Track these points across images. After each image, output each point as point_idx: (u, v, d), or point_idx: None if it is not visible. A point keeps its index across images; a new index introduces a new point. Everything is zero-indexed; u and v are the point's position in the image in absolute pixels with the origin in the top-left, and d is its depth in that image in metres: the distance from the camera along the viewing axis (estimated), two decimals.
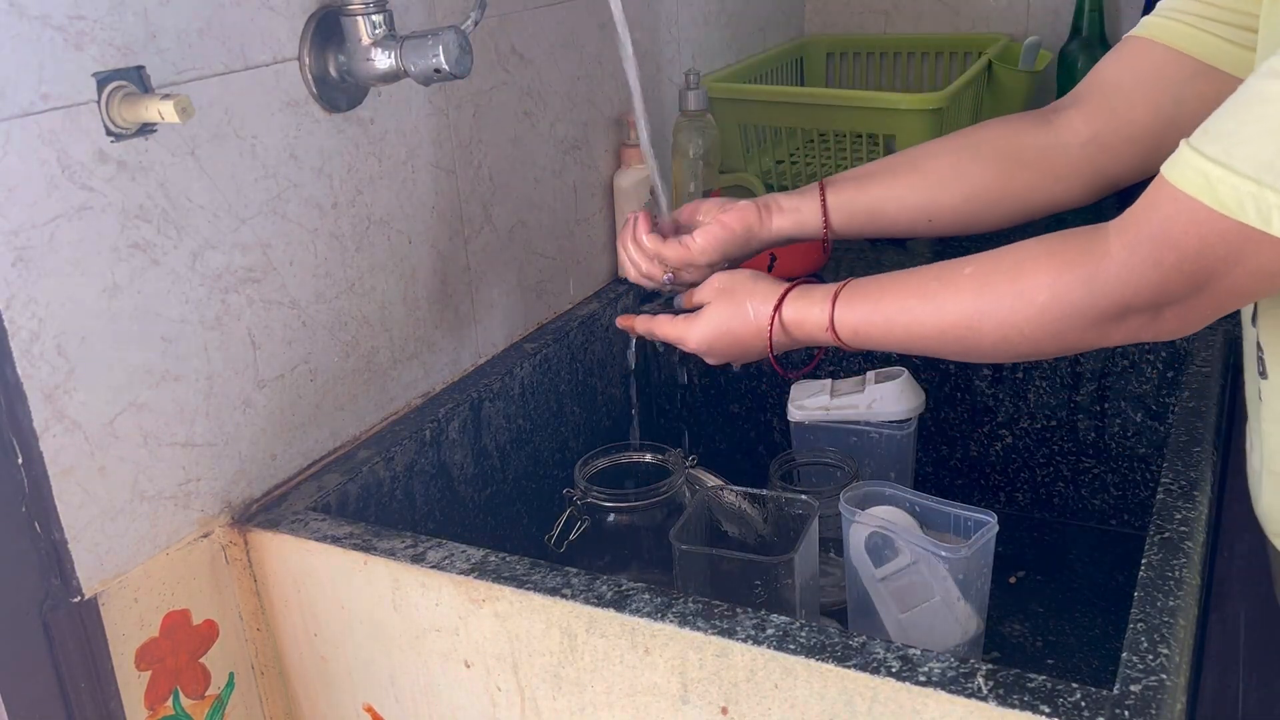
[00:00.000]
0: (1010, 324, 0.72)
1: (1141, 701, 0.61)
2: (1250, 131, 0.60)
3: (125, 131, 0.73)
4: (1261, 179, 0.58)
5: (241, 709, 0.86)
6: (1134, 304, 0.66)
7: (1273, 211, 0.59)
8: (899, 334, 0.79)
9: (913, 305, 0.77)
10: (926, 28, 1.78)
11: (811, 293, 0.85)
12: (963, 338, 0.75)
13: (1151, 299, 0.66)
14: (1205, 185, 0.61)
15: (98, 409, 0.74)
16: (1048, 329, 0.70)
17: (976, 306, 0.73)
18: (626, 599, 0.71)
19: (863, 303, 0.82)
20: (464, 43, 0.85)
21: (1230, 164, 0.60)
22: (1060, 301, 0.69)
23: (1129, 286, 0.66)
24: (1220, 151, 0.60)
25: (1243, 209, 0.59)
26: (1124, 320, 0.68)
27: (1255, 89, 0.60)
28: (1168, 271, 0.64)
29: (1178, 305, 0.66)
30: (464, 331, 1.09)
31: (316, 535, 0.82)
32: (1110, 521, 1.19)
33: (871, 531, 0.92)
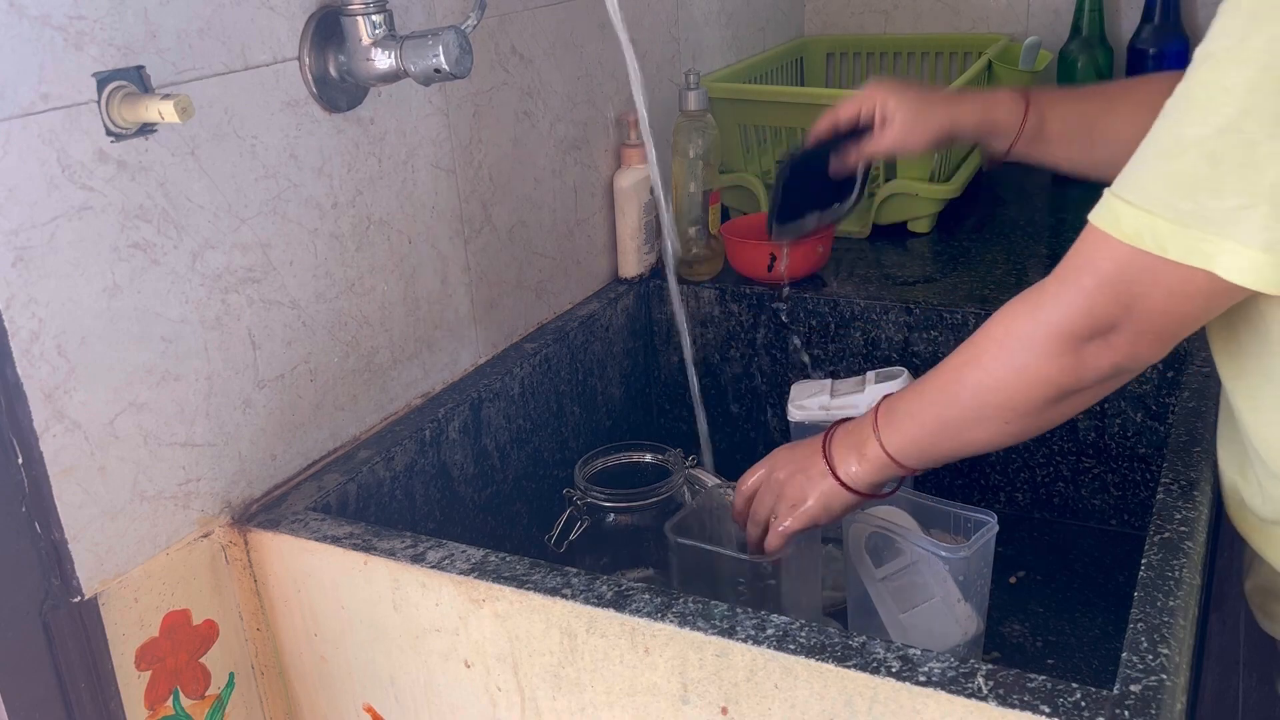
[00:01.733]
0: (983, 367, 0.77)
1: (1141, 701, 0.61)
2: (1145, 169, 0.67)
3: (125, 131, 0.73)
4: (1153, 210, 0.66)
5: (241, 709, 0.86)
6: (1074, 328, 0.71)
7: (1165, 240, 0.65)
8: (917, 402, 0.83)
9: (930, 374, 0.83)
10: (926, 28, 1.78)
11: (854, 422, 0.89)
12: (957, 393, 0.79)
13: (1087, 321, 0.71)
14: (1113, 220, 0.68)
15: (98, 409, 0.74)
16: (1010, 362, 0.75)
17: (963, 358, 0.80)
18: (626, 599, 0.71)
19: (898, 401, 0.86)
20: (464, 43, 0.85)
21: (1130, 199, 0.67)
22: (1012, 332, 0.75)
23: (1061, 309, 0.72)
24: (1125, 188, 0.68)
25: (1140, 237, 0.66)
26: (1079, 348, 0.72)
27: (1153, 133, 0.68)
28: (1090, 292, 0.70)
29: (1117, 330, 0.71)
30: (464, 331, 1.09)
31: (316, 535, 0.82)
32: (1110, 521, 1.19)
33: (871, 531, 0.92)
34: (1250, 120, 0.62)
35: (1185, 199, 0.65)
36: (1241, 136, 0.62)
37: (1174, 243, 0.65)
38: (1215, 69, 0.64)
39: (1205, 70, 0.65)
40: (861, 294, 1.23)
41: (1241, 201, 0.62)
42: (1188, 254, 0.65)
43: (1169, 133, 0.66)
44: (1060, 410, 0.77)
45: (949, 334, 1.19)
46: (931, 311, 1.19)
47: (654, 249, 1.33)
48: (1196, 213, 0.64)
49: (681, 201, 1.33)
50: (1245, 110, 0.62)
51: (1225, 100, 0.63)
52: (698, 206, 1.32)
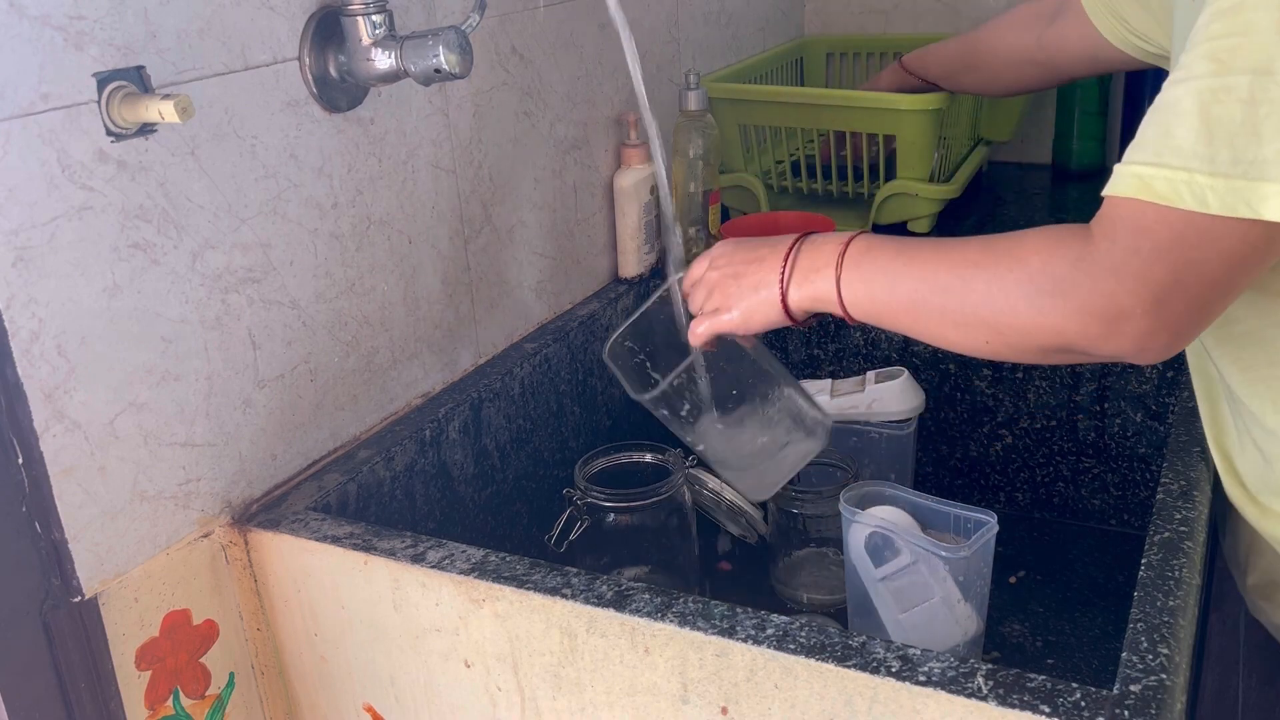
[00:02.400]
0: (999, 281, 0.72)
1: (1141, 701, 0.61)
2: (1170, 130, 0.64)
3: (125, 131, 0.73)
4: (1189, 165, 0.63)
5: (241, 709, 0.86)
6: (1118, 295, 0.66)
7: (1206, 192, 0.62)
8: (897, 267, 0.78)
9: (922, 246, 0.78)
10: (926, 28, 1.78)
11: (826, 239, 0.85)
12: (951, 287, 0.75)
13: (1135, 289, 0.66)
14: (1142, 185, 0.65)
15: (98, 409, 0.74)
16: (1030, 299, 0.70)
17: (977, 258, 0.74)
18: (626, 599, 0.71)
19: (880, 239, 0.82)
20: (464, 43, 0.85)
21: (1160, 161, 0.64)
22: (1046, 271, 0.70)
23: (1111, 274, 0.67)
24: (1148, 155, 0.65)
25: (1179, 195, 0.63)
26: (1114, 324, 0.67)
27: (1168, 97, 0.65)
28: (1146, 259, 0.65)
29: (1163, 306, 0.66)
30: (464, 331, 1.09)
31: (316, 535, 0.82)
32: (1110, 521, 1.19)
33: (871, 531, 0.92)
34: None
35: (1223, 148, 0.62)
36: (1275, 79, 0.60)
37: (1216, 195, 0.62)
38: (1234, 18, 0.62)
39: (1222, 23, 0.62)
40: None
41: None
42: (1233, 205, 0.62)
43: (1191, 92, 0.63)
44: (1052, 360, 0.74)
45: None
46: None
47: (654, 249, 1.33)
48: (1237, 160, 0.62)
49: (681, 201, 1.33)
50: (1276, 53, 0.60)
51: (1253, 46, 0.61)
52: (698, 206, 1.32)
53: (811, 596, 1.07)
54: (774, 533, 1.09)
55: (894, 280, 0.78)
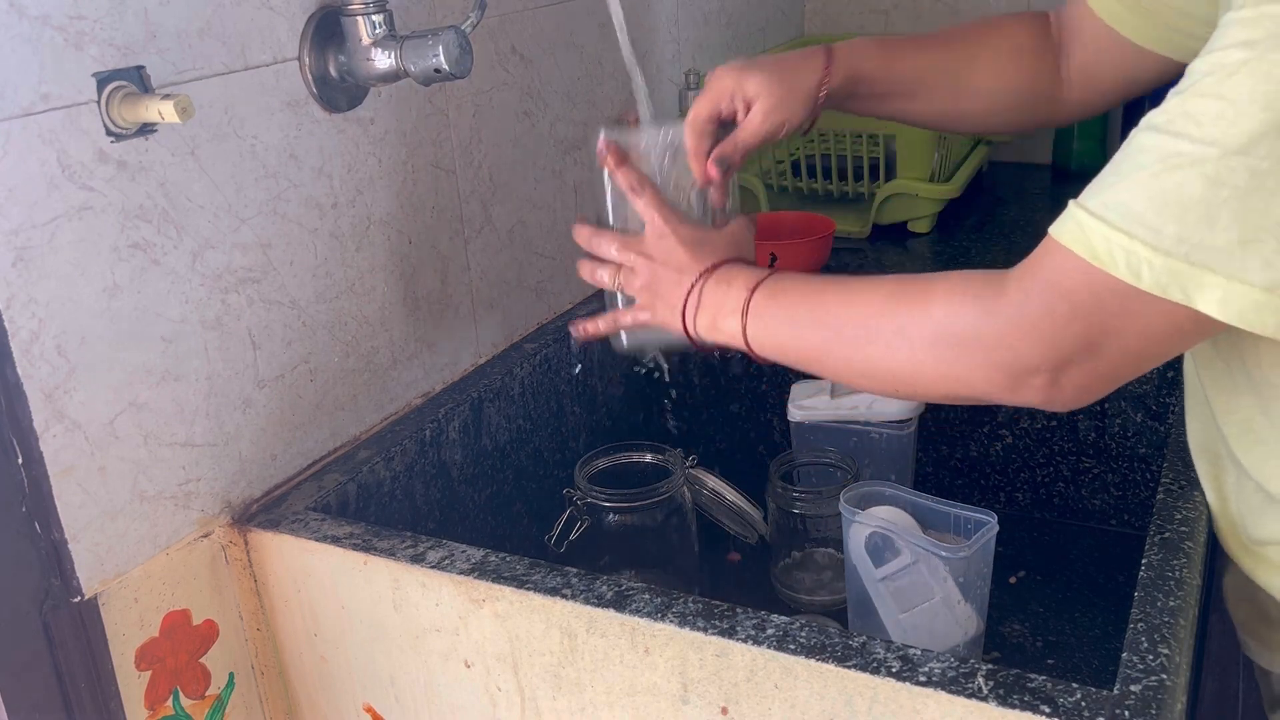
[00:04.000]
0: (903, 333, 0.70)
1: (1141, 701, 0.61)
2: (1125, 183, 0.60)
3: (125, 131, 0.73)
4: (1132, 231, 0.59)
5: (241, 709, 0.86)
6: (1025, 354, 0.64)
7: (1142, 265, 0.59)
8: (802, 315, 0.76)
9: (827, 292, 0.76)
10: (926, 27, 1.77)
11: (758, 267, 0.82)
12: (856, 336, 0.73)
13: (1043, 352, 0.64)
14: (1081, 237, 0.61)
15: (98, 409, 0.74)
16: (934, 351, 0.68)
17: (881, 307, 0.72)
18: (626, 599, 0.71)
19: (788, 280, 0.78)
20: (464, 43, 0.85)
21: (1105, 216, 0.60)
22: (951, 325, 0.67)
23: (1020, 333, 0.64)
24: (1098, 204, 0.61)
25: (1114, 262, 0.59)
26: (1017, 376, 0.65)
27: (1135, 142, 0.61)
28: (1059, 322, 0.63)
29: (1074, 366, 0.64)
30: (464, 331, 1.09)
31: (316, 535, 0.82)
32: (1110, 521, 1.19)
33: (871, 531, 0.92)
34: (1262, 145, 0.55)
35: (1171, 223, 0.58)
36: (1247, 161, 0.56)
37: (1151, 272, 0.58)
38: (1223, 82, 0.57)
39: (1211, 82, 0.58)
40: None
41: (1242, 235, 0.56)
42: (1165, 287, 0.58)
43: (1159, 147, 0.59)
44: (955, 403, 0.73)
45: None
46: None
47: None
48: (1183, 240, 0.57)
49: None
50: (1257, 133, 0.55)
51: (1233, 119, 0.56)
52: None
53: (811, 596, 1.07)
54: (774, 533, 1.09)
55: (799, 329, 0.76)
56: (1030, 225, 1.45)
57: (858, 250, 1.38)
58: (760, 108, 0.88)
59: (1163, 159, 0.58)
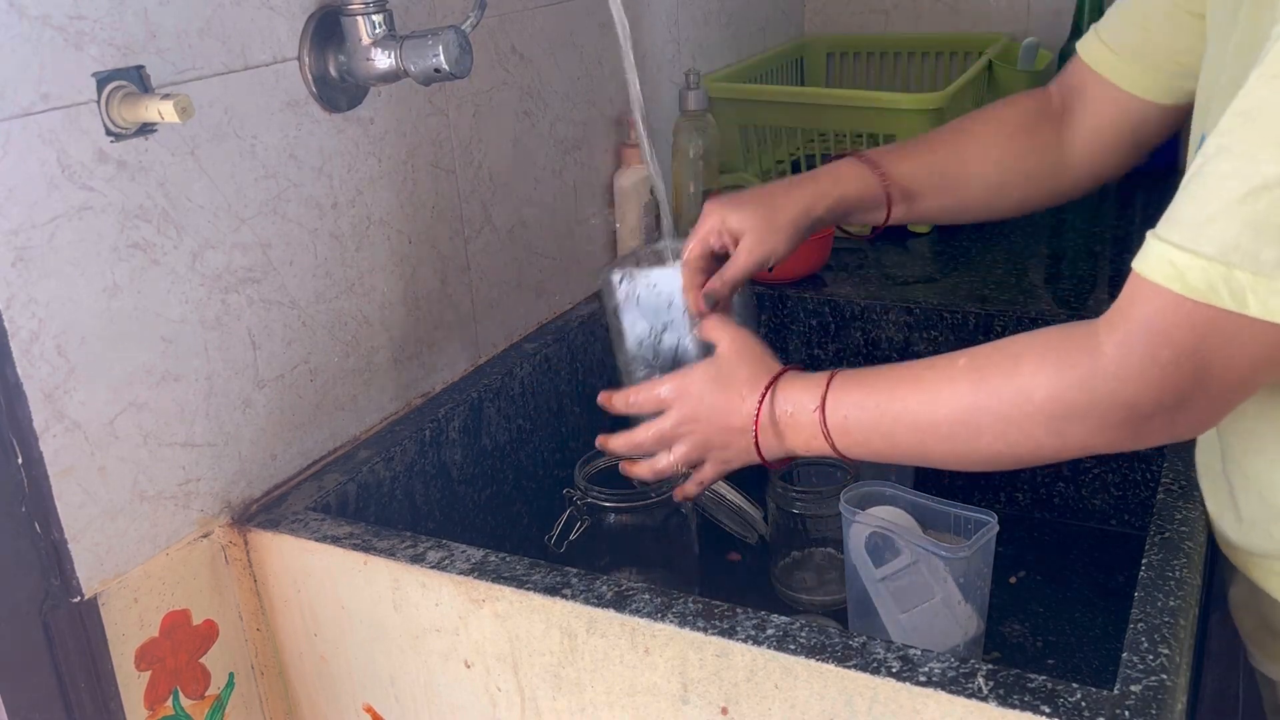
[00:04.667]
0: (1010, 420, 0.68)
1: (1142, 701, 0.61)
2: (1211, 212, 0.59)
3: (125, 131, 0.73)
4: (1229, 260, 0.58)
5: (241, 709, 0.86)
6: (1139, 404, 0.63)
7: (1246, 293, 0.58)
8: (888, 425, 0.75)
9: (905, 394, 0.73)
10: (926, 27, 1.78)
11: (802, 379, 0.81)
12: (957, 434, 0.71)
13: (1157, 398, 0.63)
14: (1175, 274, 0.60)
15: (98, 409, 0.74)
16: (1048, 427, 0.67)
17: (974, 401, 0.70)
18: (626, 599, 0.71)
19: (854, 390, 0.77)
20: (464, 43, 0.85)
21: (1196, 249, 0.59)
22: (1058, 401, 0.66)
23: (1129, 386, 0.63)
24: (1185, 238, 0.60)
25: (1216, 293, 0.58)
26: (1133, 425, 0.65)
27: (1209, 170, 0.60)
28: (1165, 368, 0.62)
29: (1187, 403, 0.63)
30: (464, 331, 1.09)
31: (316, 535, 0.82)
32: (1110, 521, 1.19)
33: (871, 531, 0.92)
34: None
35: (1269, 246, 0.56)
36: None
37: (1257, 297, 0.57)
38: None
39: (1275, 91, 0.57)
40: (861, 294, 1.23)
41: None
42: (1275, 310, 0.57)
43: (1239, 171, 0.58)
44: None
45: (949, 334, 1.19)
46: (932, 311, 1.19)
47: None
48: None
49: (681, 201, 1.33)
50: None
51: None
52: (698, 206, 1.32)
53: (811, 596, 1.07)
54: (774, 533, 1.09)
55: (891, 436, 0.75)
56: (1030, 225, 1.45)
57: (858, 250, 1.38)
58: (745, 244, 0.91)
59: (1245, 181, 0.57)
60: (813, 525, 1.07)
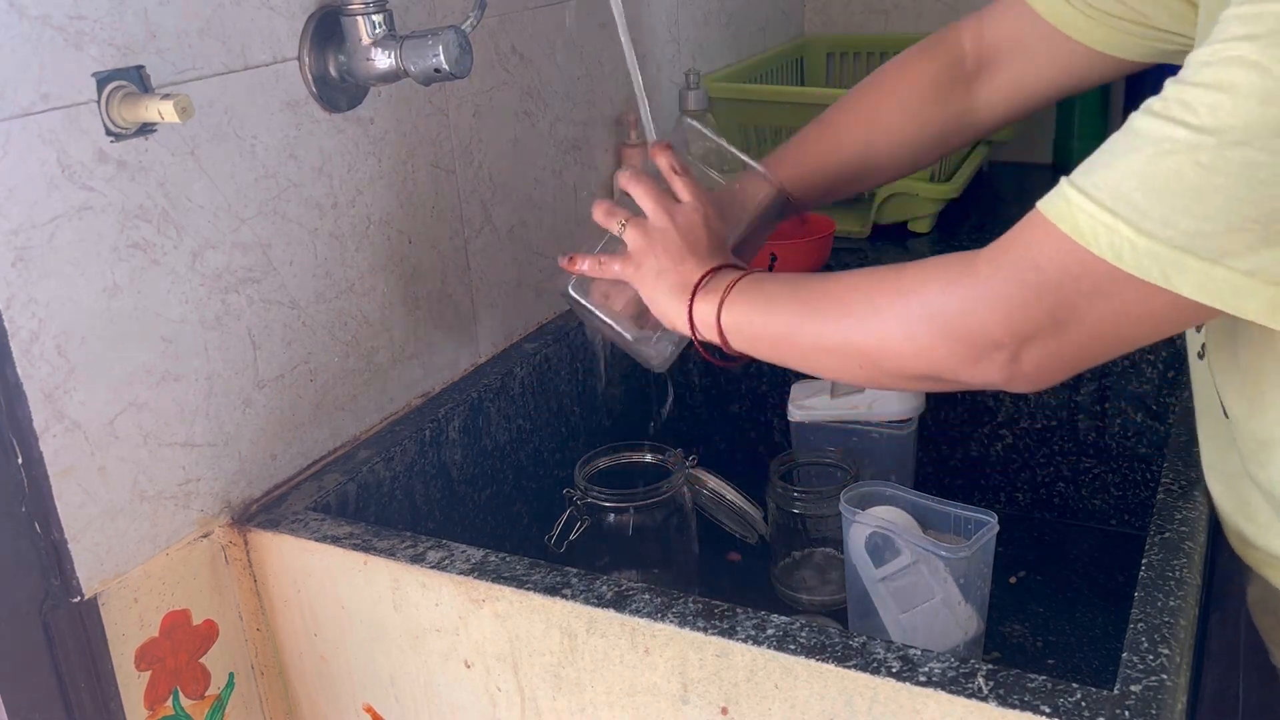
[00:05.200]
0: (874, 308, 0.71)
1: (1142, 702, 0.61)
2: (1119, 164, 0.60)
3: (125, 131, 0.73)
4: (1117, 210, 0.59)
5: (241, 709, 0.86)
6: (989, 325, 0.65)
7: (1124, 245, 0.59)
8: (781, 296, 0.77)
9: (811, 279, 0.76)
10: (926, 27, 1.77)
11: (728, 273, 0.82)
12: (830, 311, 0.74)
13: (1006, 322, 0.64)
14: (1067, 212, 0.61)
15: (98, 409, 0.74)
16: (902, 324, 0.69)
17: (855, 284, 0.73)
18: (626, 599, 0.71)
19: (752, 303, 0.79)
20: (464, 43, 0.85)
21: (1093, 195, 0.60)
22: (922, 294, 0.68)
23: (987, 302, 0.65)
24: (1089, 183, 0.61)
25: (1096, 239, 0.60)
26: (979, 347, 0.66)
27: (1131, 125, 0.61)
28: (1028, 293, 0.63)
29: (1038, 342, 0.64)
30: (464, 331, 1.09)
31: (316, 535, 0.82)
32: (1110, 521, 1.19)
33: (871, 531, 0.92)
34: (1259, 136, 0.56)
35: (1159, 206, 0.58)
36: (1244, 152, 0.56)
37: (1133, 253, 0.59)
38: (1225, 70, 0.57)
39: (1210, 74, 0.58)
40: None
41: (1230, 223, 0.57)
42: (1145, 268, 0.59)
43: (1155, 132, 0.59)
44: (924, 387, 0.73)
45: None
46: None
47: None
48: (1168, 224, 0.58)
49: None
50: (1254, 124, 0.56)
51: (1232, 110, 0.56)
52: None
53: (811, 597, 1.07)
54: (774, 533, 1.09)
55: (772, 308, 0.77)
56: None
57: (858, 250, 1.38)
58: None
59: (1157, 144, 0.59)
60: (813, 525, 1.07)
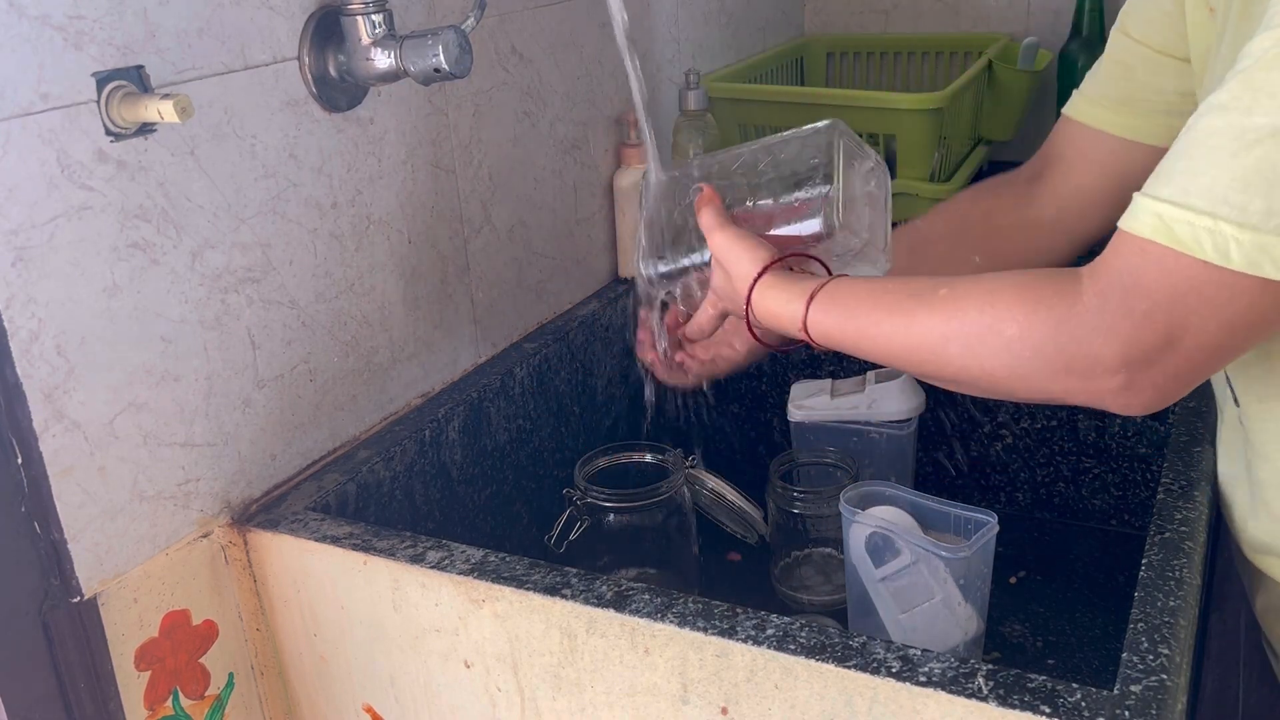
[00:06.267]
0: (975, 353, 0.69)
1: (1142, 702, 0.61)
2: (1201, 167, 0.59)
3: (125, 131, 0.73)
4: (1216, 212, 0.58)
5: (241, 709, 0.86)
6: (1104, 356, 0.63)
7: (1230, 244, 0.57)
8: (867, 347, 0.76)
9: (882, 319, 0.74)
10: (926, 27, 1.78)
11: (789, 287, 0.80)
12: (928, 360, 0.72)
13: (1124, 352, 0.63)
14: (1161, 226, 0.60)
15: (97, 409, 0.74)
16: (1011, 366, 0.67)
17: (945, 330, 0.70)
18: (626, 599, 0.71)
19: (838, 310, 0.77)
20: (464, 43, 0.85)
21: (1185, 202, 0.59)
22: (1027, 339, 0.66)
23: (1099, 335, 0.63)
24: (1174, 192, 0.60)
25: (1200, 245, 0.58)
26: (1093, 378, 0.64)
27: (1201, 126, 0.60)
28: (1139, 320, 0.62)
29: (1155, 365, 0.63)
30: (464, 331, 1.09)
31: (316, 535, 0.82)
32: (1110, 521, 1.19)
33: (871, 531, 0.92)
34: None
35: (1257, 198, 0.56)
36: None
37: (1240, 250, 0.57)
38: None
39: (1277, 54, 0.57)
40: None
41: None
42: (1258, 262, 0.57)
43: (1231, 125, 0.58)
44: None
45: None
46: None
47: None
48: (1272, 213, 0.56)
49: None
50: None
51: None
52: None
53: (811, 597, 1.07)
54: (774, 533, 1.09)
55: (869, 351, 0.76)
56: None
57: None
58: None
59: (1238, 136, 0.57)
60: (813, 525, 1.07)
